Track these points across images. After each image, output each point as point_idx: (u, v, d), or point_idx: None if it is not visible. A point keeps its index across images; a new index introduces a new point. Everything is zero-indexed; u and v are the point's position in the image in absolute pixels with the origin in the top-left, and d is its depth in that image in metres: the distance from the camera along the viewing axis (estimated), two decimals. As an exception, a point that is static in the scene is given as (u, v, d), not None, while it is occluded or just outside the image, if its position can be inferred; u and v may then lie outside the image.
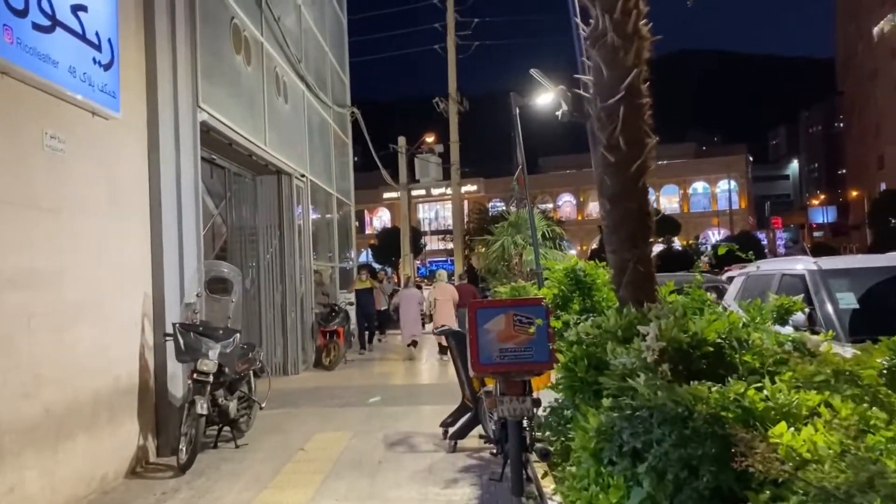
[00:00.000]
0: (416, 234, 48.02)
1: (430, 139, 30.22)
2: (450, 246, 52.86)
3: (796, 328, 5.30)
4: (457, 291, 15.72)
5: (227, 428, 7.53)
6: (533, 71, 9.96)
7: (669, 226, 50.67)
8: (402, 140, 28.22)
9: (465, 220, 40.83)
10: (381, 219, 76.20)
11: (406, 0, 30.76)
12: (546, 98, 13.78)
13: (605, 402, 3.23)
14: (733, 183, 73.08)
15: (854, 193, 75.68)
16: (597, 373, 3.68)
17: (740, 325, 3.75)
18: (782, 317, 5.07)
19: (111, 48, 6.26)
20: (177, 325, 6.78)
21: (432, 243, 62.94)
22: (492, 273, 20.38)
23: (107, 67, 6.19)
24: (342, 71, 18.80)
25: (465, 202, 45.19)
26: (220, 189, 12.58)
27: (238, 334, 7.06)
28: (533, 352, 5.12)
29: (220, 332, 6.94)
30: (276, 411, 9.27)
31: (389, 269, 49.14)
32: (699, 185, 74.96)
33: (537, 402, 5.15)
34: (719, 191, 74.07)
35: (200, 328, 6.88)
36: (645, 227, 4.76)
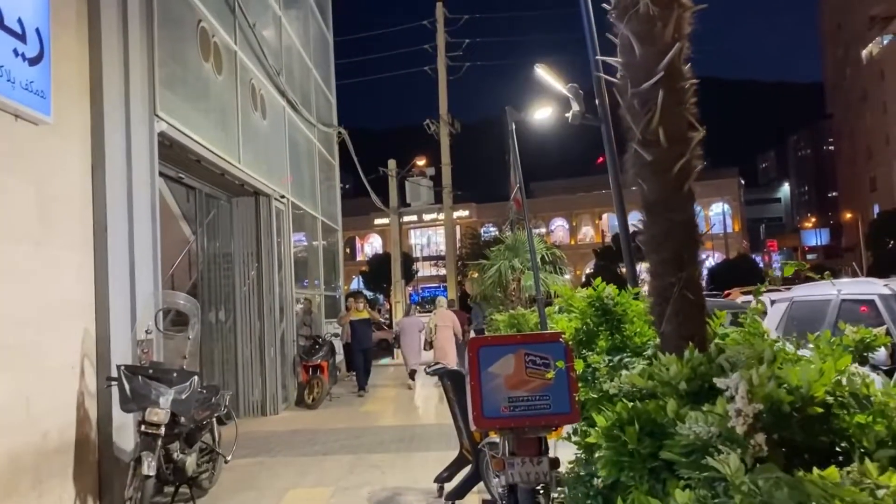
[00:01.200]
0: (408, 261, 47.02)
1: (421, 162, 29.29)
2: (443, 272, 52.02)
3: (875, 367, 4.31)
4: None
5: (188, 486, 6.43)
6: (537, 67, 9.02)
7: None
8: (391, 163, 27.27)
9: (458, 245, 39.89)
10: (372, 245, 75.25)
11: (394, 22, 30.08)
12: (543, 112, 12.90)
13: (681, 495, 2.20)
14: (726, 206, 72.67)
15: (848, 216, 75.21)
16: (653, 442, 2.65)
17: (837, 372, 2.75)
18: (860, 354, 4.06)
19: (40, 39, 5.27)
20: (122, 367, 5.71)
21: (425, 269, 61.98)
22: (486, 300, 19.37)
23: (34, 62, 5.20)
24: (328, 90, 17.92)
25: (458, 227, 44.23)
26: (196, 213, 11.58)
27: (196, 377, 5.99)
28: (551, 401, 4.11)
29: (174, 374, 5.87)
30: (248, 461, 8.17)
31: (382, 297, 48.10)
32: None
33: (555, 464, 4.12)
34: (712, 214, 73.61)
35: (150, 371, 5.80)
36: (692, 242, 3.76)
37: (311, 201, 14.87)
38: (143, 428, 5.63)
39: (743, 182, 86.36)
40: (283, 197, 12.10)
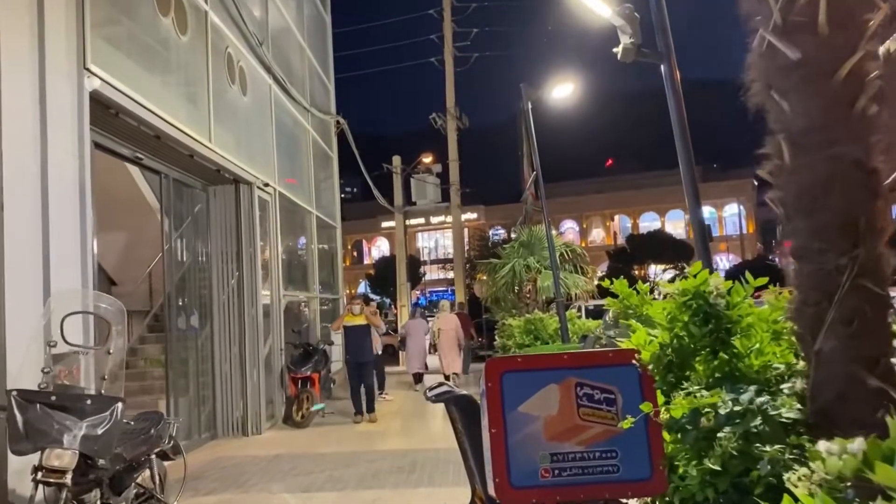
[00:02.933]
0: (415, 263, 45.53)
1: (427, 159, 27.80)
2: (450, 275, 50.41)
3: None
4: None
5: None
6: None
7: (682, 251, 48.14)
8: (396, 160, 25.80)
9: (466, 248, 38.37)
10: (379, 249, 73.78)
11: (398, 11, 28.67)
12: (563, 89, 11.36)
13: None
14: (741, 207, 70.93)
15: (867, 216, 73.22)
16: None
17: None
18: None
19: None
20: (13, 392, 4.22)
21: (432, 273, 60.48)
22: (497, 302, 17.85)
23: None
24: (325, 75, 16.44)
25: (465, 230, 42.76)
26: (179, 206, 10.09)
27: (120, 404, 4.48)
28: (619, 460, 2.60)
29: (88, 402, 4.37)
30: (211, 500, 6.67)
31: (388, 301, 46.64)
32: (706, 210, 72.69)
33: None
34: (726, 215, 71.98)
35: (53, 397, 4.31)
36: (874, 197, 2.25)
37: (304, 194, 13.38)
38: (39, 475, 4.14)
39: (756, 183, 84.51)
40: (267, 185, 10.60)
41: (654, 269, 49.50)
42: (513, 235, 44.61)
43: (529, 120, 11.21)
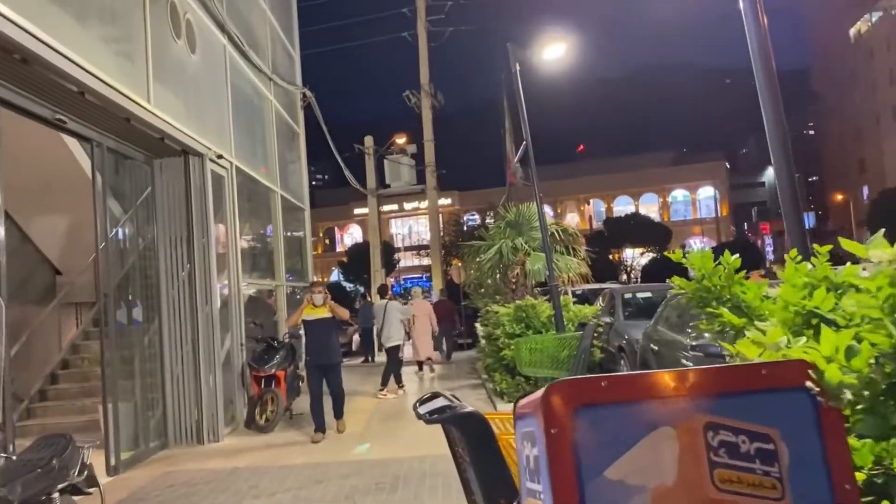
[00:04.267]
0: (389, 250, 44.23)
1: (401, 140, 26.50)
2: (425, 262, 49.28)
3: None
4: (434, 309, 15.79)
5: None
6: None
7: (659, 234, 47.48)
8: (368, 140, 24.54)
9: (441, 233, 37.21)
10: (352, 236, 72.40)
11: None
12: (554, 50, 10.17)
13: None
14: (715, 190, 70.68)
15: (839, 197, 73.49)
16: None
17: None
18: None
19: None
20: None
21: (406, 259, 59.28)
22: (479, 288, 16.74)
23: None
24: (289, 43, 15.08)
25: (440, 216, 41.59)
26: (118, 181, 8.77)
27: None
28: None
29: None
30: (149, 535, 5.45)
31: (362, 289, 45.39)
32: (679, 193, 72.68)
33: None
34: (701, 198, 71.81)
35: None
36: None
37: (266, 169, 12.09)
38: None
39: (728, 166, 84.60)
40: (221, 157, 9.29)
41: (632, 253, 48.82)
42: (489, 221, 43.60)
43: (518, 83, 10.03)
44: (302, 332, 9.76)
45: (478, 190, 60.83)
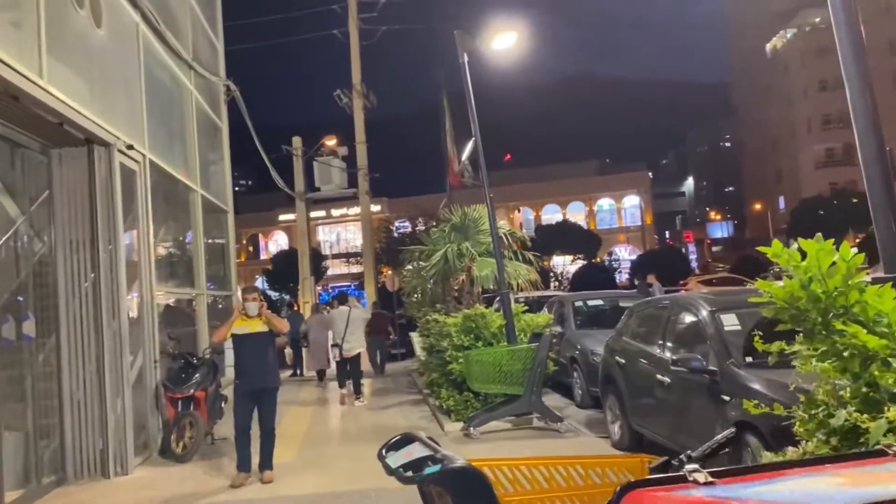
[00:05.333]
0: (318, 257, 42.81)
1: (331, 142, 25.37)
2: (354, 270, 48.04)
3: None
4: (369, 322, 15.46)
5: None
6: None
7: (589, 242, 47.70)
8: (297, 140, 23.36)
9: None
10: (277, 243, 70.30)
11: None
12: (504, 39, 9.44)
13: None
14: (639, 199, 72.04)
15: (758, 207, 76.01)
16: None
17: None
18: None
19: None
20: None
21: (335, 268, 57.85)
22: (413, 296, 15.88)
23: None
24: (213, 31, 13.92)
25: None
26: (23, 183, 7.54)
27: None
28: None
29: None
30: None
31: (287, 297, 43.81)
32: (605, 202, 73.79)
33: None
34: (626, 207, 73.08)
35: None
36: None
37: (183, 166, 10.94)
38: None
39: (651, 176, 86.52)
40: (132, 149, 8.14)
41: (562, 260, 48.83)
42: (419, 228, 42.75)
43: (466, 75, 9.26)
44: (230, 348, 8.31)
45: (408, 197, 60.06)
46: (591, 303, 11.55)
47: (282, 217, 68.48)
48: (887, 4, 66.61)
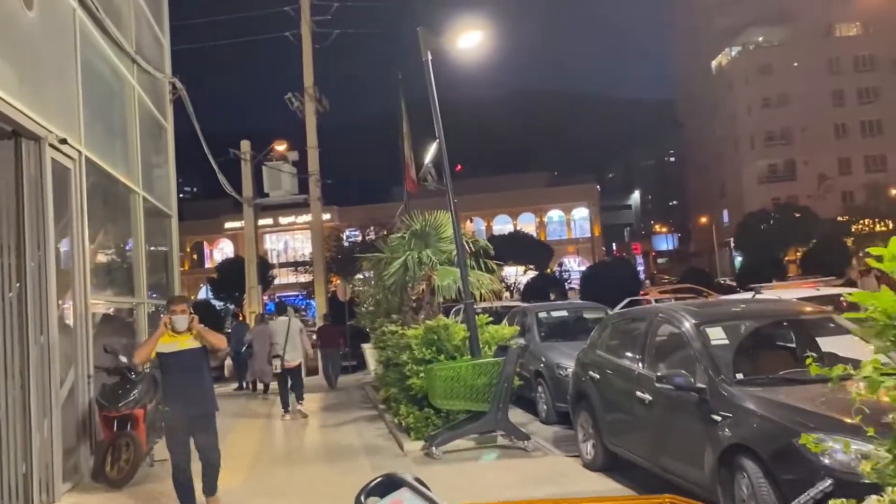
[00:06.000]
0: (265, 266, 41.68)
1: (281, 147, 24.63)
2: (303, 279, 46.93)
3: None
4: (318, 334, 16.57)
5: None
6: None
7: (542, 252, 47.74)
8: (245, 144, 22.58)
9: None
10: (222, 251, 68.63)
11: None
12: (469, 38, 9.03)
13: None
14: (589, 211, 72.79)
15: (703, 220, 77.50)
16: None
17: None
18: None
19: None
20: None
21: (283, 277, 56.61)
22: (365, 305, 15.34)
23: None
24: (158, 26, 13.16)
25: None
26: None
27: None
28: None
29: None
30: None
31: (232, 307, 42.58)
32: (555, 214, 74.36)
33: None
34: (575, 219, 73.76)
35: None
36: None
37: (124, 166, 10.19)
38: None
39: (599, 188, 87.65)
40: (65, 143, 7.42)
41: (514, 270, 48.70)
42: (369, 236, 41.93)
43: (430, 73, 8.81)
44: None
45: (359, 206, 59.38)
46: (555, 314, 11.20)
47: (228, 225, 66.91)
48: (827, 27, 69.03)
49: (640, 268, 71.16)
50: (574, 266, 66.62)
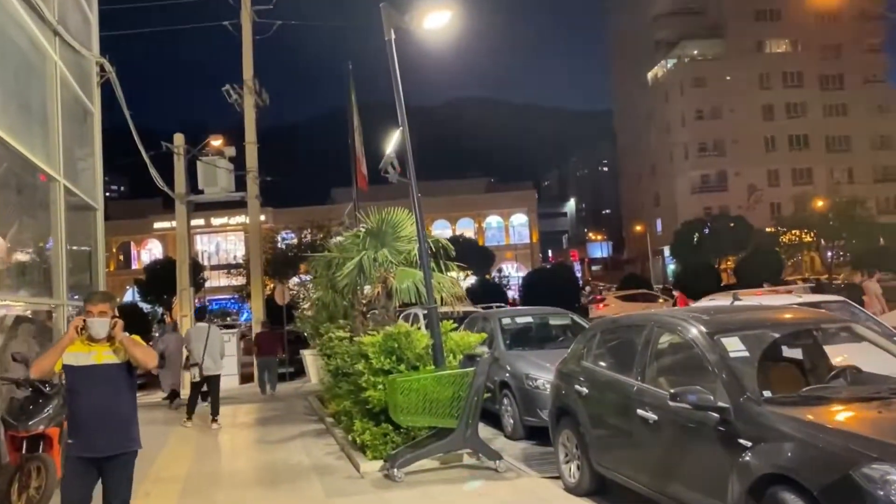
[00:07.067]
0: (196, 268, 39.87)
1: (217, 142, 23.27)
2: (235, 282, 45.18)
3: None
4: (256, 340, 16.70)
5: None
6: None
7: (483, 257, 47.21)
8: (178, 137, 21.20)
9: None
10: (151, 252, 65.90)
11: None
12: (438, 17, 8.27)
13: None
14: (527, 217, 73.04)
15: (638, 228, 78.70)
16: None
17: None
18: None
19: None
20: None
21: (215, 279, 54.54)
22: (305, 308, 14.42)
23: None
24: (86, 1, 11.94)
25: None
26: None
27: None
28: None
29: None
30: None
31: (161, 310, 40.62)
32: (493, 219, 74.38)
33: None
34: (514, 225, 73.94)
35: None
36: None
37: (43, 151, 9.02)
38: None
39: (538, 195, 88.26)
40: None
41: (455, 275, 47.85)
42: (305, 238, 40.57)
43: (393, 54, 8.01)
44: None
45: (292, 208, 57.89)
46: (519, 320, 10.52)
47: (157, 225, 64.42)
48: (758, 43, 71.12)
49: (578, 274, 71.74)
50: (513, 272, 66.58)
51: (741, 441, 4.18)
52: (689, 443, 4.67)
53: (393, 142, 8.05)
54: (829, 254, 50.74)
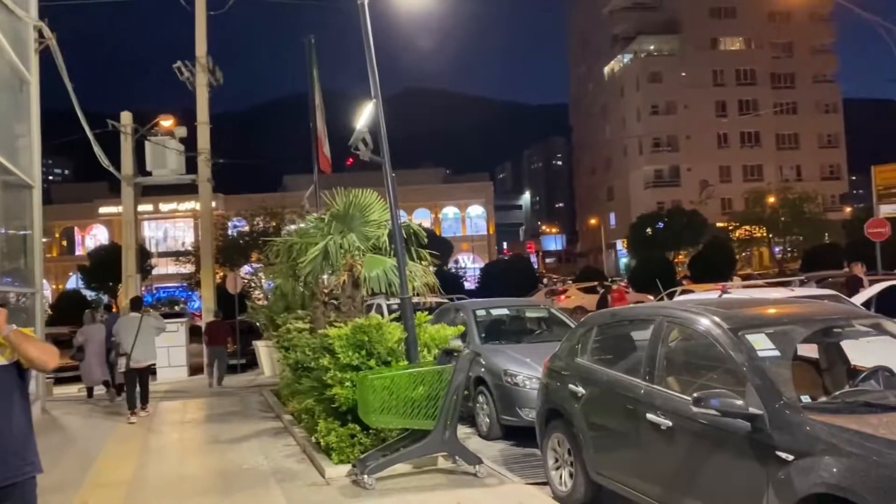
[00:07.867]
0: (143, 254, 38.36)
1: (167, 122, 22.08)
2: (184, 270, 43.67)
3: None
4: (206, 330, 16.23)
5: None
6: None
7: (443, 248, 46.65)
8: (126, 116, 20.05)
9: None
10: (95, 238, 63.58)
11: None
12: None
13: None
14: (484, 209, 72.75)
15: (592, 221, 79.09)
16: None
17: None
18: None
19: None
20: None
21: (162, 266, 52.77)
22: (255, 297, 13.62)
23: None
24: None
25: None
26: None
27: None
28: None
29: None
30: None
31: (105, 297, 38.92)
32: (450, 210, 73.93)
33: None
34: (470, 216, 73.62)
35: None
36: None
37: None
38: None
39: (494, 187, 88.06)
40: None
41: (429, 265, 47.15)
42: (258, 226, 39.34)
43: (366, 18, 7.31)
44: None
45: (243, 195, 56.33)
46: (494, 311, 9.92)
47: (102, 209, 62.22)
48: (712, 41, 71.88)
49: (535, 266, 71.83)
50: (469, 263, 66.15)
51: (780, 454, 3.64)
52: (713, 454, 4.13)
53: (364, 116, 7.34)
54: (777, 249, 51.68)
